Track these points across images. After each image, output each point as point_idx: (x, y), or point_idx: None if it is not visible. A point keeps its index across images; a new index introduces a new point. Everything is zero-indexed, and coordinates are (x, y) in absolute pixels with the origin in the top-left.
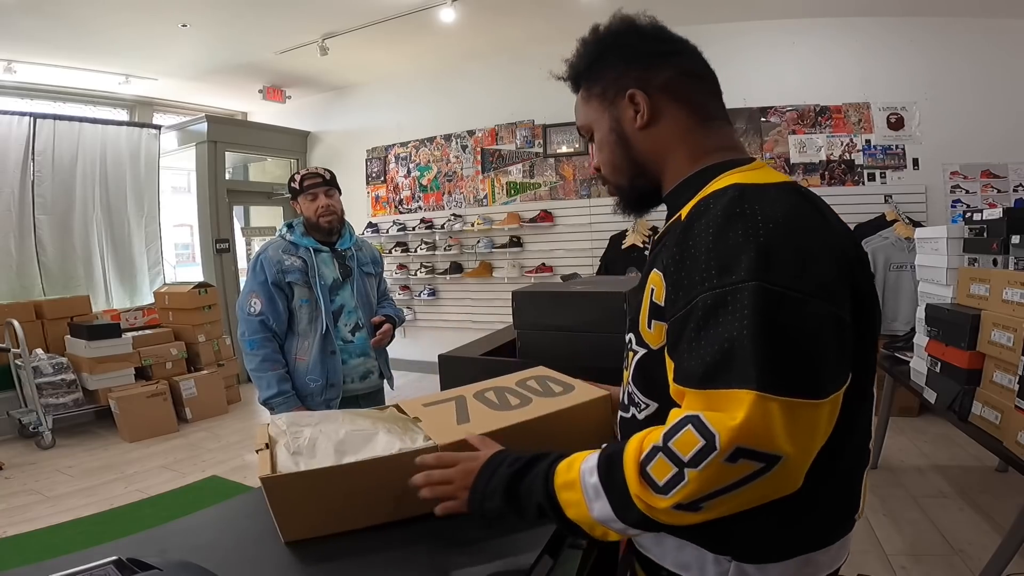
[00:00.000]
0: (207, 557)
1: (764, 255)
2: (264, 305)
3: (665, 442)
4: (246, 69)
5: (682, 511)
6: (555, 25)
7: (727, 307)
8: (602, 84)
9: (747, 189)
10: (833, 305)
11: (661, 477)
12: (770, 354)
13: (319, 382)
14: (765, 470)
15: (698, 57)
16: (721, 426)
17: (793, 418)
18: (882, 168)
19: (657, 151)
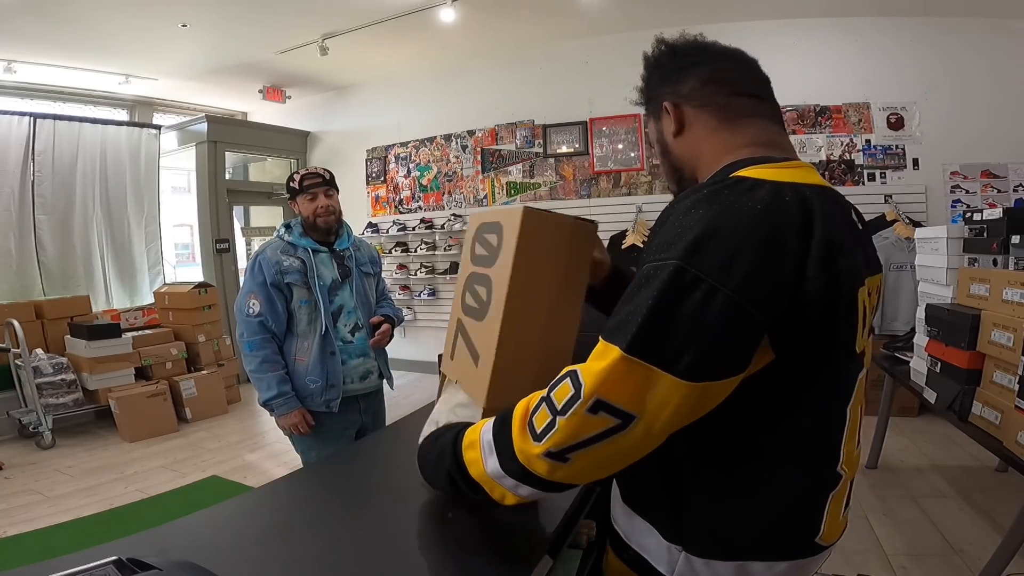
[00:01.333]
0: (207, 557)
1: (700, 239)
2: (263, 306)
3: (548, 392)
4: (246, 69)
5: (552, 460)
6: (555, 25)
7: (652, 279)
8: (650, 104)
9: (742, 181)
10: (744, 305)
11: (539, 425)
12: (652, 324)
13: (319, 383)
14: (621, 427)
15: (727, 62)
16: (588, 376)
17: (650, 386)
18: (882, 168)
19: (690, 155)
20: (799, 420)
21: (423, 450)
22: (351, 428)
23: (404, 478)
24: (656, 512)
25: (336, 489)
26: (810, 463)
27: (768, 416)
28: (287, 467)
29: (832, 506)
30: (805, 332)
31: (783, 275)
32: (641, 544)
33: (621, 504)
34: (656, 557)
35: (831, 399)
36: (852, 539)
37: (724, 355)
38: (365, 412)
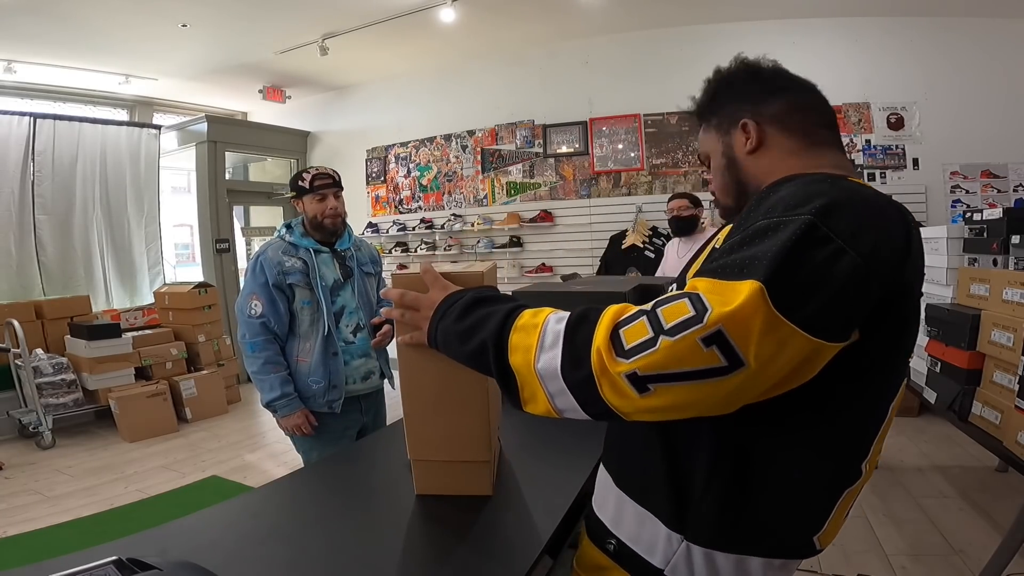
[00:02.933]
0: (207, 557)
1: (831, 205)
2: (265, 307)
3: (655, 307)
4: (246, 69)
5: (631, 384)
6: (555, 26)
7: (777, 230)
8: (719, 116)
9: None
10: (866, 272)
11: (632, 340)
12: (787, 268)
13: (321, 383)
14: (725, 370)
15: (812, 93)
16: (716, 302)
17: (772, 332)
18: (882, 168)
19: (762, 173)
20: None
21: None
22: (352, 428)
23: (404, 478)
24: (658, 499)
25: (336, 489)
26: (842, 457)
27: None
28: (287, 467)
29: (841, 505)
30: (889, 321)
31: (896, 258)
32: (631, 533)
33: (612, 488)
34: (648, 547)
35: (881, 394)
36: (852, 539)
37: (839, 316)
38: (366, 412)
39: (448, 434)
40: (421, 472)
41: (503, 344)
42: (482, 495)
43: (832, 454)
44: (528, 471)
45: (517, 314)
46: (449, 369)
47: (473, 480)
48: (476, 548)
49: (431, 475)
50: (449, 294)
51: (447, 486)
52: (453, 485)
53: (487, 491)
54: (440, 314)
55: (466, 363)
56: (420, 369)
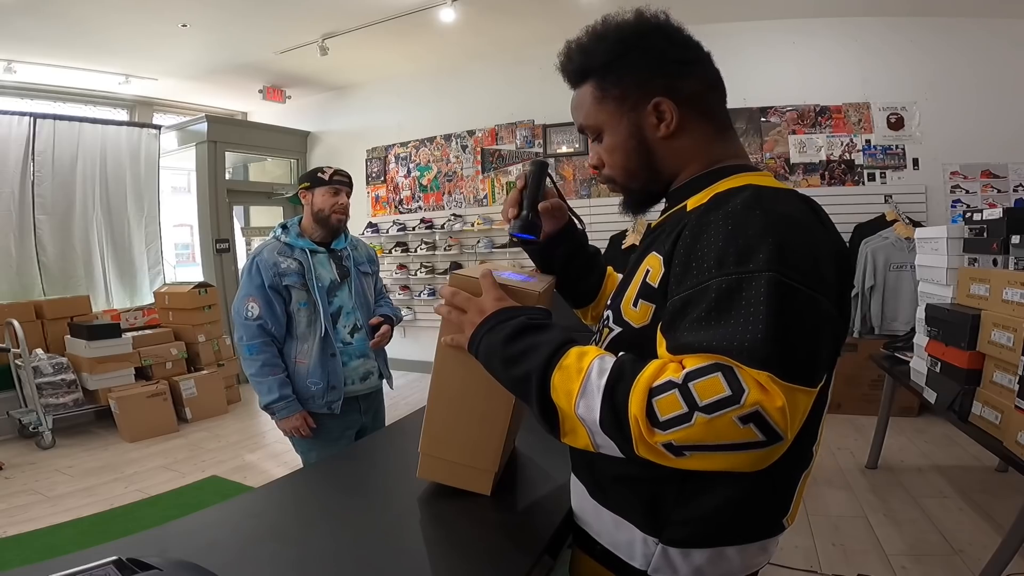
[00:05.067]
0: (207, 557)
1: (781, 249)
2: (262, 309)
3: (685, 381)
4: (246, 69)
5: (668, 452)
6: (555, 25)
7: (742, 292)
8: (622, 87)
9: (762, 190)
10: (831, 305)
11: (665, 413)
12: (783, 343)
13: (320, 385)
14: (763, 444)
15: (713, 65)
16: (753, 388)
17: (798, 404)
18: (882, 168)
19: (678, 161)
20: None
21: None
22: (351, 429)
23: (404, 478)
24: (631, 507)
25: (336, 489)
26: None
27: None
28: (287, 467)
29: (800, 486)
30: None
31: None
32: (612, 540)
33: (587, 499)
34: (628, 551)
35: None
36: (852, 539)
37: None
38: (365, 412)
39: (463, 439)
40: (427, 462)
41: (546, 380)
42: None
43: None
44: (528, 471)
45: (564, 351)
46: (480, 378)
47: (475, 480)
48: (476, 548)
49: (436, 467)
50: (501, 308)
51: (448, 478)
52: (454, 479)
53: (486, 491)
54: (488, 327)
55: (506, 385)
56: (451, 371)
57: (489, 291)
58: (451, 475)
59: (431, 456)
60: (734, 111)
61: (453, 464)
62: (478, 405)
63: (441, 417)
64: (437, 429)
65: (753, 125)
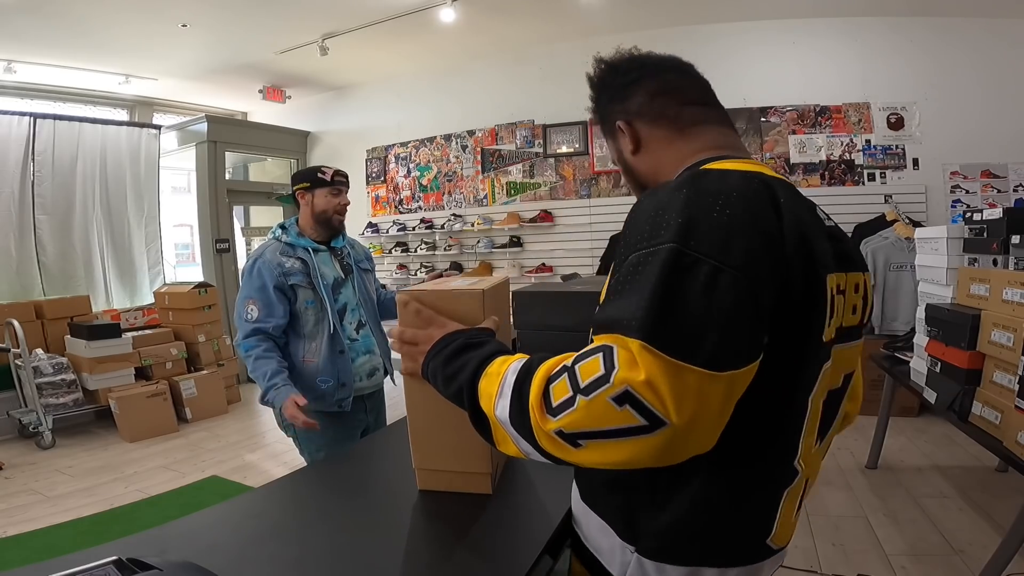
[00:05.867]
0: (207, 557)
1: (691, 222)
2: (260, 311)
3: (574, 364)
4: (246, 69)
5: (563, 441)
6: (555, 25)
7: (646, 265)
8: (604, 124)
9: (710, 172)
10: (748, 283)
11: (557, 398)
12: (661, 312)
13: (330, 383)
14: (646, 429)
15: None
16: (623, 364)
17: (681, 383)
18: (882, 168)
19: (652, 169)
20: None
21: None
22: (358, 428)
23: (404, 478)
24: (611, 509)
25: (336, 489)
26: (767, 457)
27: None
28: (287, 467)
29: (786, 505)
30: (789, 317)
31: (773, 255)
32: (596, 545)
33: (579, 502)
34: (608, 558)
35: (795, 389)
36: (852, 539)
37: (741, 339)
38: (370, 412)
39: (451, 448)
40: (423, 475)
41: (474, 389)
42: (482, 493)
43: (756, 459)
44: (528, 471)
45: (491, 360)
46: None
47: (473, 483)
48: (476, 548)
49: (433, 477)
50: (445, 334)
51: (448, 485)
52: (454, 485)
53: (487, 490)
54: (433, 353)
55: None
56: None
57: (433, 322)
58: (450, 482)
59: (426, 469)
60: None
61: (449, 472)
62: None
63: (424, 432)
64: (423, 444)
65: (753, 125)
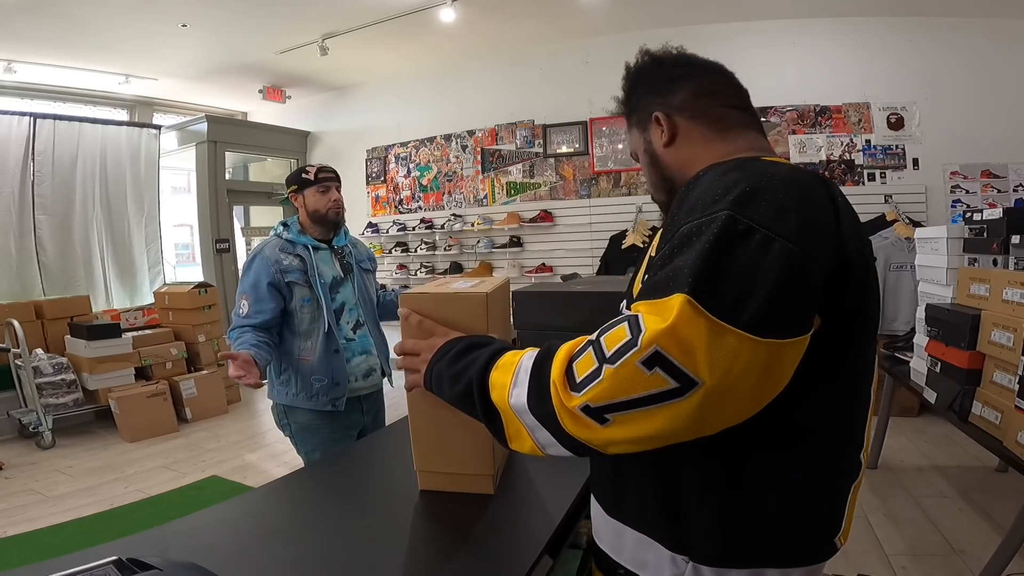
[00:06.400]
0: (207, 557)
1: (746, 194)
2: (250, 308)
3: (599, 336)
4: (246, 69)
5: (588, 417)
6: (555, 25)
7: (700, 233)
8: (636, 114)
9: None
10: (802, 256)
11: (582, 372)
12: (710, 273)
13: (324, 381)
14: (678, 392)
15: (715, 75)
16: (651, 325)
17: (718, 343)
18: (882, 168)
19: (682, 164)
20: (831, 399)
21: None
22: (353, 429)
23: (404, 478)
24: (652, 521)
25: (336, 489)
26: (838, 449)
27: (799, 396)
28: (287, 467)
29: (852, 500)
30: (847, 297)
31: (829, 231)
32: (636, 560)
33: (605, 518)
34: (656, 570)
35: (860, 376)
36: (852, 539)
37: (787, 308)
38: (367, 413)
39: (452, 450)
40: (425, 476)
41: (485, 382)
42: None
43: (830, 449)
44: (528, 471)
45: (502, 354)
46: None
47: (475, 483)
48: (476, 548)
49: (435, 479)
50: (448, 340)
51: (449, 486)
52: (455, 486)
53: (488, 491)
54: (437, 357)
55: (456, 405)
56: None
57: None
58: (451, 483)
59: (427, 471)
60: None
61: (450, 474)
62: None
63: (426, 434)
64: (425, 446)
65: None
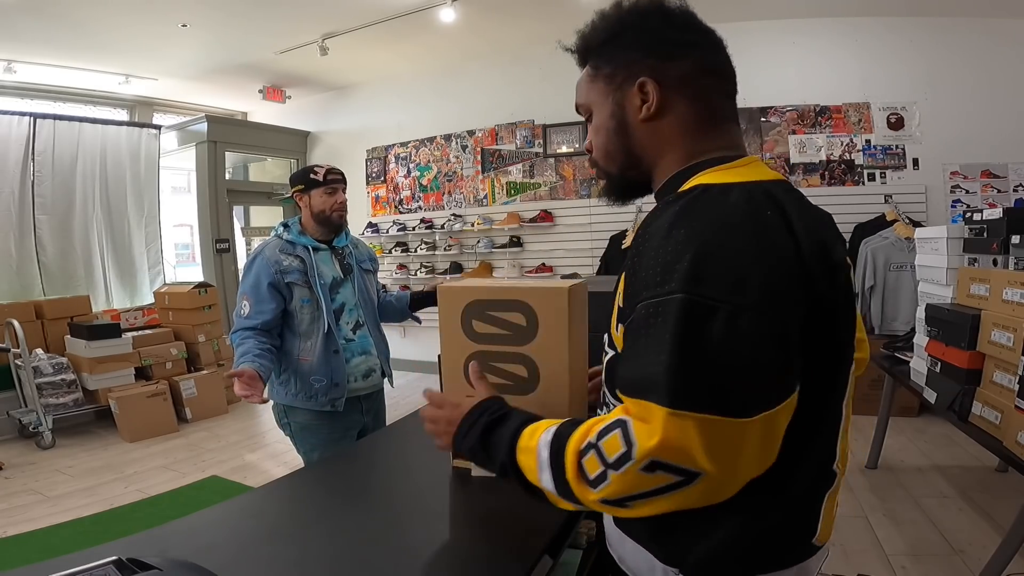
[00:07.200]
0: (207, 557)
1: (698, 264)
2: (251, 308)
3: (597, 440)
4: (246, 69)
5: (612, 506)
6: (555, 25)
7: (657, 318)
8: (613, 66)
9: (709, 189)
10: (771, 319)
11: (592, 472)
12: (683, 369)
13: (323, 382)
14: (684, 483)
15: (722, 52)
16: (641, 436)
17: (712, 435)
18: (882, 168)
19: (656, 146)
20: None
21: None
22: (353, 429)
23: (404, 478)
24: (646, 534)
25: (336, 489)
26: (812, 464)
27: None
28: (287, 467)
29: (827, 506)
30: (822, 329)
31: (793, 272)
32: (634, 566)
33: (614, 528)
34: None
35: (831, 396)
36: (852, 539)
37: (770, 379)
38: (367, 413)
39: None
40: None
41: (516, 466)
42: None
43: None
44: None
45: (519, 436)
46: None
47: None
48: (476, 548)
49: None
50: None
51: None
52: None
53: None
54: (462, 434)
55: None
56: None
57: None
58: None
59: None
60: None
61: None
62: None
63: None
64: None
65: (753, 125)
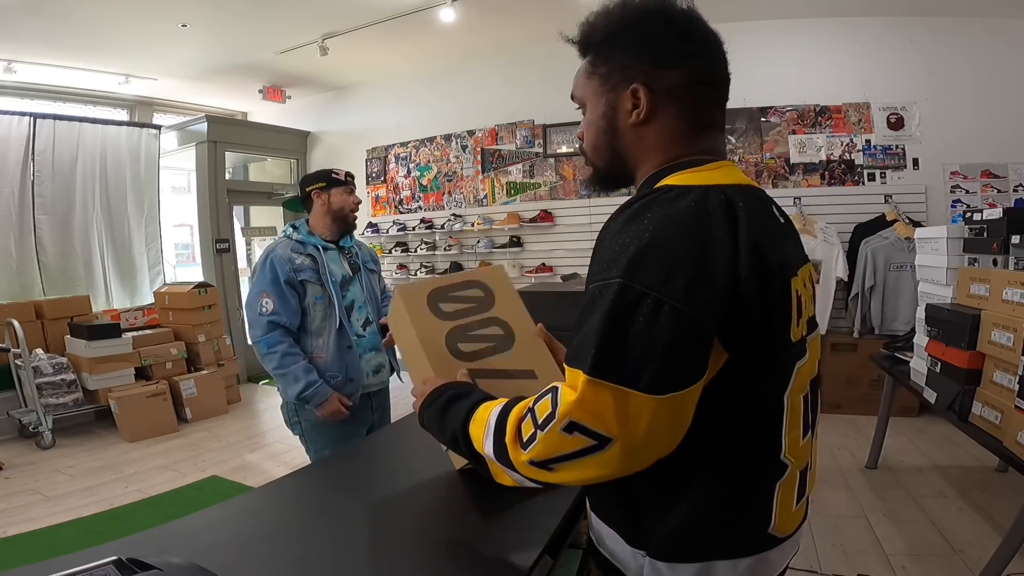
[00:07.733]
0: (207, 557)
1: (639, 256)
2: (276, 304)
3: (534, 404)
4: (246, 69)
5: (537, 468)
6: (555, 25)
7: (600, 297)
8: (609, 65)
9: (672, 189)
10: (689, 314)
11: (525, 434)
12: (608, 344)
13: (338, 377)
14: (597, 447)
15: (718, 61)
16: (564, 399)
17: (624, 405)
18: (882, 168)
19: (641, 148)
20: (744, 415)
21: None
22: (364, 425)
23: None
24: (618, 519)
25: (337, 489)
26: (754, 455)
27: (722, 415)
28: (287, 467)
29: (782, 496)
30: (749, 328)
31: (720, 278)
32: (610, 550)
33: (592, 514)
34: (623, 562)
35: (767, 391)
36: (852, 539)
37: (681, 365)
38: (376, 409)
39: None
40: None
41: (467, 433)
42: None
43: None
44: None
45: (477, 408)
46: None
47: None
48: (477, 548)
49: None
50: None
51: None
52: None
53: None
54: (427, 404)
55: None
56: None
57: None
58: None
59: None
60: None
61: None
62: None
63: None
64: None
65: (753, 125)
